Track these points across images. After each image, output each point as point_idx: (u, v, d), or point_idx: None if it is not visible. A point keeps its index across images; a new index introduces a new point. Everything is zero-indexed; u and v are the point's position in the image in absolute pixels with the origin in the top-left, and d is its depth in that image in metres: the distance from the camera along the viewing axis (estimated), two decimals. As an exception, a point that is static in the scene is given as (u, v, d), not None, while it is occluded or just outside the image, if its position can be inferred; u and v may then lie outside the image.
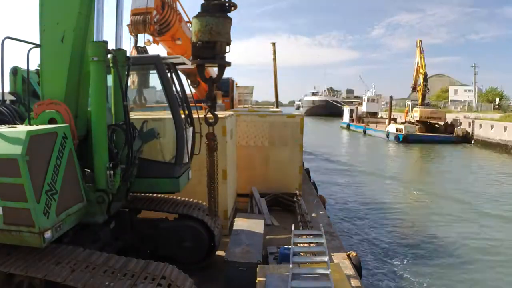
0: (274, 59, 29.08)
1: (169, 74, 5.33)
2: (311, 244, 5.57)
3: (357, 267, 6.40)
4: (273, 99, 31.16)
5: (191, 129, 5.73)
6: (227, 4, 4.00)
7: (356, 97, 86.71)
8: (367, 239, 11.45)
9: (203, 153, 4.94)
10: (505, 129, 30.95)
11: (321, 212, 9.31)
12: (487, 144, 32.90)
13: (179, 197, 6.06)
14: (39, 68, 4.45)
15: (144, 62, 5.55)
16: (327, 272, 4.37)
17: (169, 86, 5.20)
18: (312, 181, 13.46)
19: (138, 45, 8.64)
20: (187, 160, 5.58)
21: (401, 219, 13.58)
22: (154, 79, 5.67)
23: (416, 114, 38.29)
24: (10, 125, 4.15)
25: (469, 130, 35.82)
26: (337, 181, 19.21)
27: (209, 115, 4.55)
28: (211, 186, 4.81)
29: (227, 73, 4.73)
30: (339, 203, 15.13)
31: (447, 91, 75.57)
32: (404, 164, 26.87)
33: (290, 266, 4.45)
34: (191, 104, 5.89)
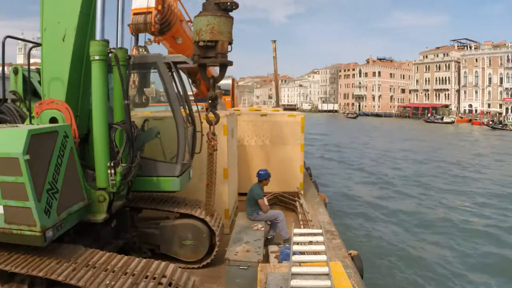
0: (275, 57, 28.93)
1: (170, 73, 5.33)
2: (312, 243, 5.56)
3: (359, 266, 6.39)
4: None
5: (192, 128, 5.73)
6: (228, 3, 4.00)
7: None
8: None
9: (204, 152, 4.94)
10: None
11: (322, 211, 9.30)
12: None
13: (180, 196, 6.06)
14: (40, 67, 4.45)
15: (145, 61, 5.55)
16: (328, 271, 4.37)
17: (170, 85, 5.20)
18: (313, 180, 13.44)
19: (138, 44, 8.63)
20: (188, 159, 5.58)
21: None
22: (155, 78, 5.67)
23: None
24: (11, 124, 4.15)
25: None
26: None
27: (210, 114, 4.55)
28: (209, 185, 4.82)
29: (228, 72, 4.74)
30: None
31: None
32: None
33: (291, 265, 4.44)
34: (192, 103, 5.89)
